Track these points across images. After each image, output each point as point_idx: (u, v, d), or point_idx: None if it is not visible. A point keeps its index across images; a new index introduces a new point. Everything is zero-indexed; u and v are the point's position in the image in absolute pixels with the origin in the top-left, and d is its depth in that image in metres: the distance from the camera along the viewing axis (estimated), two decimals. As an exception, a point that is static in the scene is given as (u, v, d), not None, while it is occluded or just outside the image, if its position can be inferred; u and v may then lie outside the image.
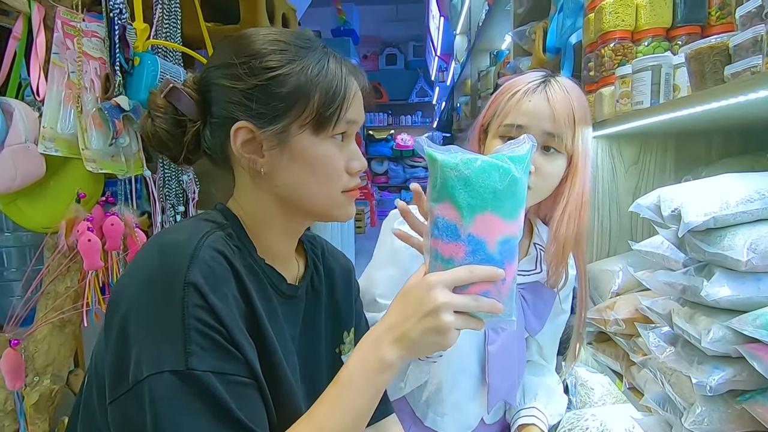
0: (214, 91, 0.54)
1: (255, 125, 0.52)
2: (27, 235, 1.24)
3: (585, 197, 0.74)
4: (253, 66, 0.52)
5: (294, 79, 0.52)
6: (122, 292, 0.48)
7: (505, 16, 2.22)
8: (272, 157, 0.53)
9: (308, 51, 0.54)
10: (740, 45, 0.66)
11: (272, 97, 0.52)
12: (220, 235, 0.51)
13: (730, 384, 0.56)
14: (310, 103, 0.52)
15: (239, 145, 0.53)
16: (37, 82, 1.06)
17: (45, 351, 1.13)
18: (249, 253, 0.55)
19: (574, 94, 0.73)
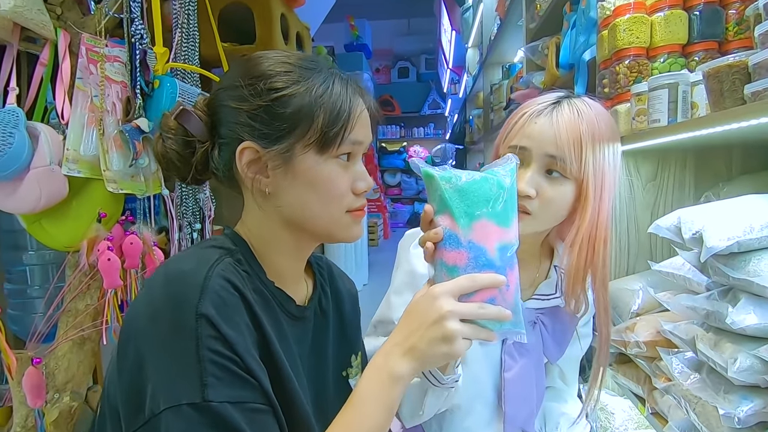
0: (222, 113, 0.56)
1: (259, 145, 0.53)
2: (50, 253, 1.27)
3: (600, 227, 0.69)
4: (258, 87, 0.53)
5: (298, 100, 0.53)
6: (133, 323, 0.49)
7: (517, 30, 2.23)
8: (276, 177, 0.54)
9: (313, 72, 0.54)
10: (760, 64, 0.65)
11: (276, 118, 0.53)
12: (229, 262, 0.52)
13: (760, 416, 0.54)
14: (314, 124, 0.53)
15: (244, 165, 0.54)
16: (62, 106, 1.10)
17: (65, 368, 1.15)
18: (258, 276, 0.56)
19: (587, 115, 0.69)
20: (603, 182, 0.69)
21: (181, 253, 0.57)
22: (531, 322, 0.77)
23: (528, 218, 0.70)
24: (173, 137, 0.56)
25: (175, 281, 0.48)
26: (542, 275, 0.81)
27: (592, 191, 0.68)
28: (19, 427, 1.09)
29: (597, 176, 0.68)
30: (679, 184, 1.10)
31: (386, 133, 7.60)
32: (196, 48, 1.38)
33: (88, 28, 1.16)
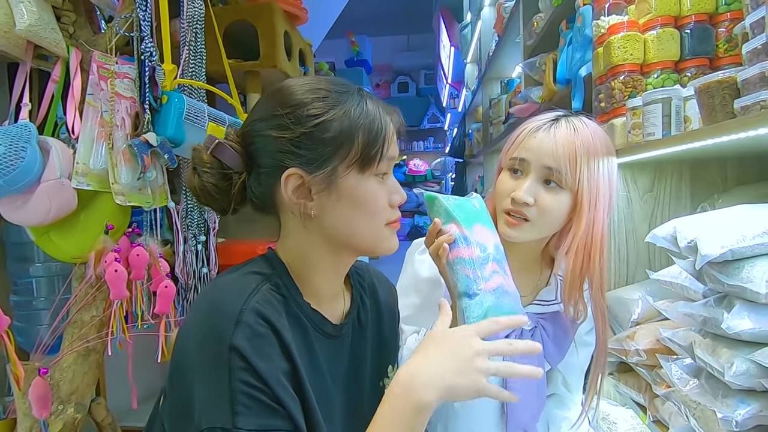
0: (260, 143, 0.57)
1: (305, 171, 0.55)
2: (57, 265, 1.29)
3: (595, 237, 0.73)
4: (298, 115, 0.55)
5: (338, 124, 0.55)
6: (186, 345, 0.52)
7: (515, 47, 2.28)
8: (321, 199, 0.56)
9: (347, 95, 0.57)
10: (748, 80, 0.68)
11: (319, 143, 0.54)
12: (266, 290, 0.54)
13: (757, 419, 0.55)
14: (354, 144, 0.55)
15: (290, 192, 0.56)
16: (73, 121, 1.13)
17: (70, 379, 1.15)
18: (295, 299, 0.58)
19: (583, 132, 0.74)
20: (597, 194, 0.73)
21: (225, 276, 0.57)
22: (531, 329, 0.79)
23: (527, 225, 0.74)
24: (209, 171, 0.57)
25: (216, 313, 0.51)
26: (543, 282, 0.84)
27: (586, 202, 0.73)
28: (23, 438, 1.09)
29: (591, 188, 0.73)
30: (675, 195, 1.12)
31: (386, 147, 7.66)
32: (203, 64, 1.42)
33: (99, 46, 1.19)
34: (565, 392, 0.90)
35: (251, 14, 1.80)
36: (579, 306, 0.76)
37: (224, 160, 0.57)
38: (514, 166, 0.76)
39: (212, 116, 1.31)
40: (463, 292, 0.62)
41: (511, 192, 0.75)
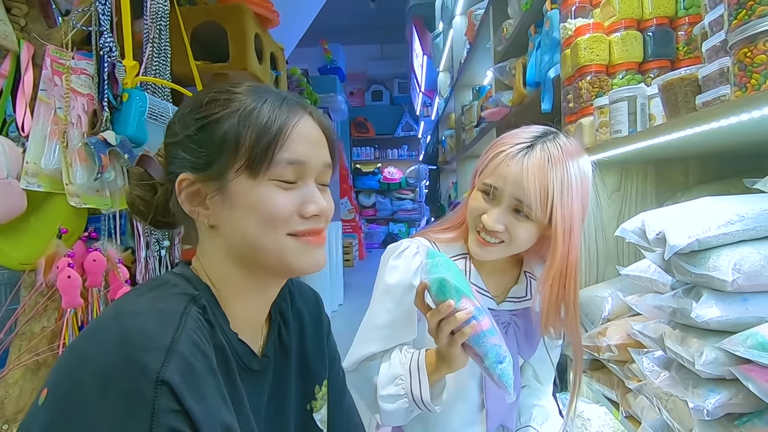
0: (167, 151, 0.55)
1: (193, 174, 0.51)
2: (3, 273, 1.20)
3: (570, 266, 0.74)
4: (186, 120, 0.52)
5: (225, 124, 0.51)
6: (74, 379, 0.41)
7: (485, 53, 2.32)
8: (215, 207, 0.51)
9: (247, 95, 0.52)
10: (708, 76, 0.70)
11: (204, 145, 0.51)
12: (195, 315, 0.46)
13: (727, 407, 0.55)
14: (241, 145, 0.50)
15: (184, 198, 0.52)
16: (23, 118, 1.06)
17: (16, 396, 1.07)
18: (221, 328, 0.50)
19: (558, 159, 0.72)
20: (572, 225, 0.73)
21: (139, 298, 0.47)
22: (505, 324, 0.81)
23: (498, 246, 0.77)
24: (136, 183, 0.57)
25: (135, 342, 0.41)
26: (513, 280, 0.86)
27: (561, 234, 0.73)
28: (-39, 463, 1.00)
29: (566, 221, 0.72)
30: (641, 194, 1.15)
31: (360, 155, 7.67)
32: (167, 63, 1.37)
33: (54, 40, 1.13)
34: (536, 384, 0.92)
35: (220, 15, 1.76)
36: (557, 329, 0.79)
37: (150, 172, 0.56)
38: (487, 190, 0.77)
39: (177, 116, 1.26)
40: (495, 360, 0.66)
41: (482, 213, 0.76)
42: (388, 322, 0.80)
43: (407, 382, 0.73)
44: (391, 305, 0.80)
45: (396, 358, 0.77)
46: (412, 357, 0.75)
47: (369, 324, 0.82)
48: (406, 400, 0.73)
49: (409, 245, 0.82)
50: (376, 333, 0.80)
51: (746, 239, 0.59)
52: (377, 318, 0.81)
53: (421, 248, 0.82)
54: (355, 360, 0.80)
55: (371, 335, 0.81)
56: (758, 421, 0.53)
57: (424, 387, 0.71)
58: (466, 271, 0.82)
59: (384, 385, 0.75)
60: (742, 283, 0.55)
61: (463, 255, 0.84)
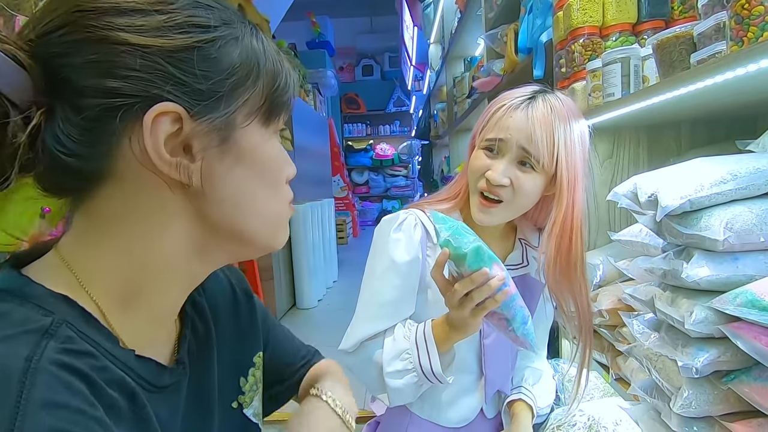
0: (88, 52, 0.32)
1: (187, 111, 0.34)
2: (-13, 254, 1.17)
3: (575, 218, 0.72)
4: (177, 18, 0.34)
5: (237, 49, 0.36)
6: None
7: (476, 21, 2.26)
8: (209, 162, 0.36)
9: (235, 18, 0.38)
10: (704, 33, 0.68)
11: (213, 67, 0.35)
12: (50, 360, 0.29)
13: (716, 365, 0.56)
14: (259, 83, 0.37)
15: (161, 143, 0.33)
16: (-4, 93, 1.02)
17: None
18: (108, 352, 0.34)
19: (559, 110, 0.72)
20: (576, 175, 0.73)
21: None
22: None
23: (500, 208, 0.74)
24: None
25: None
26: (510, 248, 0.85)
27: (566, 184, 0.72)
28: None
29: (570, 170, 0.72)
30: (634, 161, 1.14)
31: (352, 132, 7.57)
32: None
33: (24, 10, 1.07)
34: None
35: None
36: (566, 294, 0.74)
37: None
38: (491, 146, 0.74)
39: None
40: (522, 322, 0.65)
41: (486, 171, 0.73)
42: (394, 298, 0.77)
43: (414, 356, 0.70)
44: (398, 281, 0.77)
45: (400, 333, 0.74)
46: (417, 329, 0.72)
47: (372, 301, 0.78)
48: (415, 374, 0.71)
49: (406, 217, 0.80)
50: (381, 310, 0.77)
51: (739, 198, 0.58)
52: (382, 295, 0.77)
53: (419, 219, 0.79)
54: (358, 340, 0.76)
55: (376, 313, 0.77)
56: (745, 377, 0.54)
57: (433, 358, 0.69)
58: None
59: (390, 361, 0.72)
60: (733, 242, 0.55)
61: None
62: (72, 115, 0.33)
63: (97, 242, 0.37)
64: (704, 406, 0.57)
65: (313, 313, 3.09)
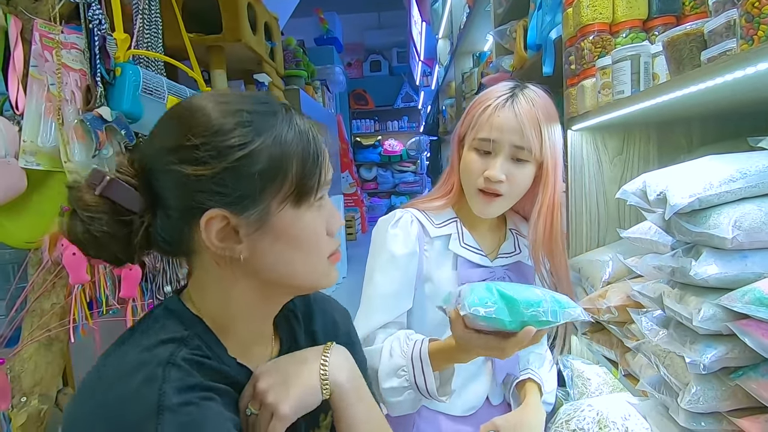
0: (168, 180, 0.45)
1: (230, 212, 0.45)
2: (9, 252, 1.21)
3: (556, 198, 0.80)
4: (217, 146, 0.44)
5: (267, 153, 0.45)
6: None
7: (485, 17, 2.25)
8: (252, 241, 0.47)
9: (273, 116, 0.47)
10: (714, 30, 0.67)
11: (246, 179, 0.44)
12: (183, 358, 0.43)
13: (723, 361, 0.56)
14: (288, 176, 0.46)
15: (214, 237, 0.45)
16: (16, 95, 1.05)
17: (32, 370, 1.10)
18: (219, 358, 0.48)
19: (539, 103, 0.78)
20: (556, 159, 0.80)
21: (124, 357, 0.44)
22: (501, 278, 0.85)
23: (500, 199, 0.80)
24: (98, 216, 0.44)
25: (124, 409, 0.39)
26: (503, 237, 0.90)
27: (551, 169, 0.79)
28: (-16, 434, 1.04)
29: (552, 155, 0.79)
30: (644, 158, 1.14)
31: (360, 128, 7.57)
32: (159, 35, 1.33)
33: (41, 14, 1.10)
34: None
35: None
36: (546, 262, 0.82)
37: (119, 201, 0.45)
38: (484, 147, 0.79)
39: (172, 90, 1.24)
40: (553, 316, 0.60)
41: (483, 171, 0.78)
42: (394, 290, 0.81)
43: (410, 374, 0.71)
44: (397, 273, 0.81)
45: (397, 348, 0.74)
46: (413, 347, 0.72)
47: (374, 295, 0.81)
48: (412, 391, 0.72)
49: (403, 215, 0.85)
50: (383, 302, 0.80)
51: (748, 197, 0.58)
52: (382, 287, 0.81)
53: (415, 217, 0.84)
54: (361, 336, 0.77)
55: (378, 305, 0.80)
56: (753, 374, 0.54)
57: (428, 379, 0.70)
58: (458, 233, 0.85)
59: (386, 377, 0.73)
60: (742, 240, 0.55)
61: (454, 219, 0.87)
62: (164, 218, 0.47)
63: (199, 291, 0.51)
64: (712, 402, 0.57)
65: (323, 309, 3.13)
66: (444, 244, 0.84)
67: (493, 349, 0.61)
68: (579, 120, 1.06)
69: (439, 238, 0.84)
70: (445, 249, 0.84)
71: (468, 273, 0.83)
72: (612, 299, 0.86)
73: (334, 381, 0.52)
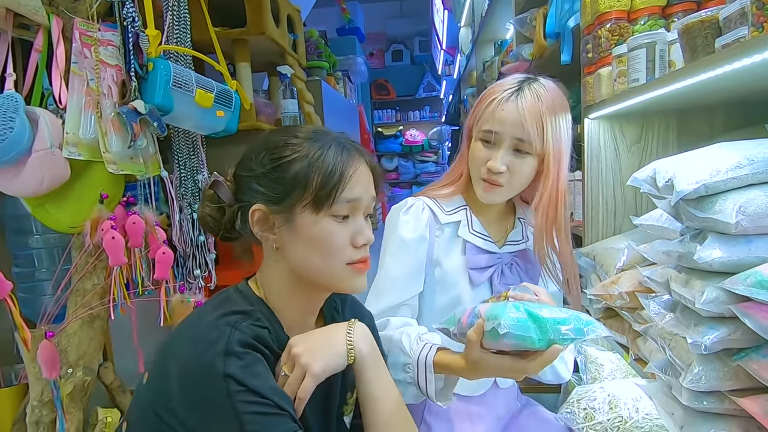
0: (241, 181, 0.64)
1: (265, 206, 0.61)
2: (55, 236, 1.31)
3: (560, 191, 0.82)
4: (265, 158, 0.62)
5: (296, 166, 0.60)
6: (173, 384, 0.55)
7: (507, 4, 2.23)
8: (282, 234, 0.61)
9: (317, 142, 0.61)
10: (729, 17, 0.68)
11: (277, 182, 0.60)
12: (246, 325, 0.57)
13: (725, 342, 0.58)
14: (309, 186, 0.59)
15: (255, 224, 0.62)
16: (59, 90, 1.12)
17: (76, 345, 1.20)
18: (277, 332, 0.61)
19: (545, 97, 0.80)
20: (560, 153, 0.81)
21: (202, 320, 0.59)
22: (509, 264, 0.89)
23: (500, 189, 0.83)
24: (208, 203, 0.66)
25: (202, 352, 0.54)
26: (510, 226, 0.93)
27: (552, 162, 0.81)
28: (35, 401, 1.14)
29: (555, 149, 0.81)
30: (662, 146, 1.13)
31: (382, 118, 7.57)
32: (187, 30, 1.40)
33: (80, 13, 1.17)
34: None
35: (235, -21, 1.75)
36: (549, 253, 0.85)
37: (220, 195, 0.65)
38: (488, 138, 0.82)
39: (200, 83, 1.30)
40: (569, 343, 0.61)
41: (486, 161, 0.82)
42: (405, 273, 0.85)
43: (414, 372, 0.72)
44: (407, 257, 0.85)
45: (407, 345, 0.75)
46: (421, 351, 0.72)
47: (385, 277, 0.86)
48: (415, 389, 0.73)
49: (414, 202, 0.89)
50: (393, 284, 0.84)
51: (755, 183, 0.59)
52: (392, 270, 0.85)
53: (426, 204, 0.88)
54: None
55: (388, 287, 0.84)
56: (755, 355, 0.56)
57: (430, 386, 0.71)
58: (467, 219, 0.88)
59: (392, 369, 0.74)
60: (746, 225, 0.56)
61: (463, 206, 0.90)
62: (240, 210, 0.65)
63: (261, 277, 0.66)
64: (713, 382, 0.59)
65: (344, 296, 3.21)
66: (454, 230, 0.88)
67: (518, 370, 0.62)
68: (596, 108, 1.07)
69: (449, 224, 0.88)
70: (455, 235, 0.88)
71: (476, 259, 0.86)
72: (623, 285, 0.88)
73: (358, 348, 0.61)
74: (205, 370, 0.52)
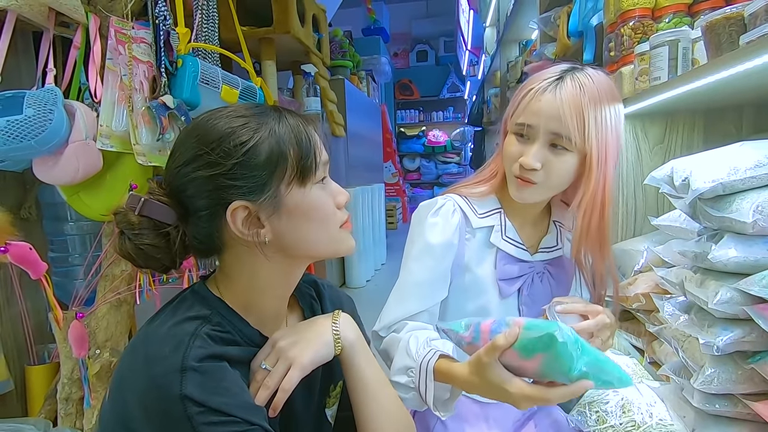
0: (192, 187, 0.54)
1: (249, 200, 0.53)
2: (87, 223, 1.38)
3: (606, 194, 0.73)
4: (225, 148, 0.52)
5: (267, 145, 0.53)
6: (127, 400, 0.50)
7: (532, 4, 2.21)
8: (272, 223, 0.55)
9: (265, 115, 0.55)
10: (754, 13, 0.66)
11: (254, 169, 0.53)
12: (205, 332, 0.51)
13: (738, 344, 0.57)
14: (289, 160, 0.54)
15: (240, 225, 0.54)
16: (95, 85, 1.19)
17: (104, 327, 1.26)
18: (241, 331, 0.56)
19: (589, 87, 0.71)
20: (606, 151, 0.72)
21: (157, 329, 0.53)
22: (540, 273, 0.82)
23: (533, 187, 0.75)
24: (141, 232, 0.53)
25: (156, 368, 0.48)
26: (545, 230, 0.86)
27: (596, 160, 0.72)
28: (66, 378, 1.21)
29: (600, 146, 0.72)
30: (687, 146, 1.10)
31: (405, 118, 7.58)
32: (215, 29, 1.45)
33: (116, 11, 1.23)
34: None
35: (262, -21, 1.80)
36: (588, 258, 0.77)
37: (156, 217, 0.53)
38: (521, 131, 0.75)
39: (226, 79, 1.35)
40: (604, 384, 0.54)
41: (519, 157, 0.74)
42: (427, 279, 0.79)
43: (416, 378, 0.68)
44: (432, 263, 0.79)
45: (413, 348, 0.71)
46: (425, 356, 0.68)
47: (407, 282, 0.80)
48: (416, 394, 0.69)
49: (444, 202, 0.82)
50: (415, 290, 0.79)
51: (776, 183, 0.58)
52: (416, 275, 0.79)
53: (458, 205, 0.81)
54: (391, 320, 0.77)
55: (410, 293, 0.79)
56: (770, 358, 0.54)
57: (429, 394, 0.67)
58: (501, 225, 0.82)
59: (396, 372, 0.72)
60: (763, 225, 0.55)
61: (497, 210, 0.83)
62: (195, 223, 0.55)
63: (226, 278, 0.59)
64: (726, 384, 0.58)
65: (362, 293, 3.23)
66: (486, 236, 0.81)
67: (538, 398, 0.55)
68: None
69: (481, 229, 0.81)
70: (487, 241, 0.81)
71: (507, 269, 0.80)
72: (640, 287, 0.86)
73: (345, 338, 0.59)
74: (161, 393, 0.47)
